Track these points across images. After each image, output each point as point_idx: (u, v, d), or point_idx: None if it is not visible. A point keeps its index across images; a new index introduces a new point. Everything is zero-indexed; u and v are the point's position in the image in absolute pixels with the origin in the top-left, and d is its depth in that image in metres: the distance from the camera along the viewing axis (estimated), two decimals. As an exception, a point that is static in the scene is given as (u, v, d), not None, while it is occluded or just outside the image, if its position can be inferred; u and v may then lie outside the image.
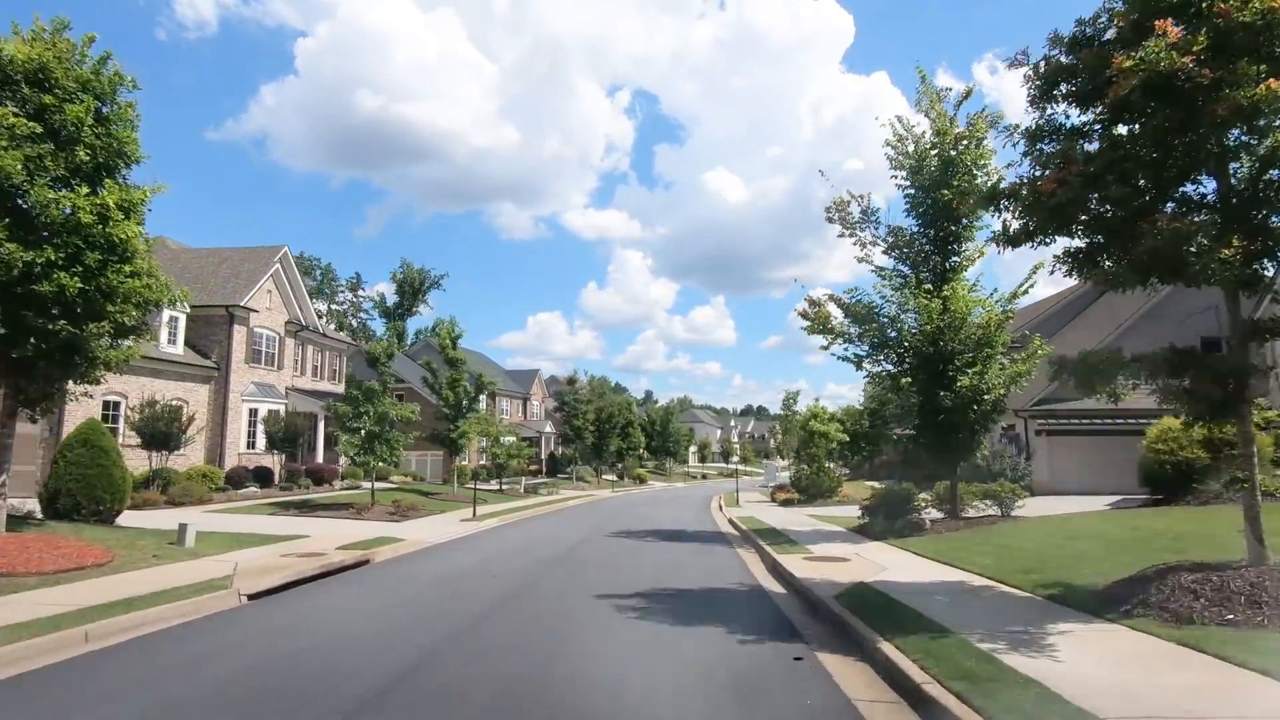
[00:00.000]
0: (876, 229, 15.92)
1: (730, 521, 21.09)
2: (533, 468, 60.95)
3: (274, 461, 29.14)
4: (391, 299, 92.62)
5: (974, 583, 9.06)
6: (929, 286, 14.43)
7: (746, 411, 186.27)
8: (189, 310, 28.25)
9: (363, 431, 21.77)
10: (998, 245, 7.99)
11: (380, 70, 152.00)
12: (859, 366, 16.36)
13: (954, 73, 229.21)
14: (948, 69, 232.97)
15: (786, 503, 28.17)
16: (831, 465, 30.12)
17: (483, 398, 52.54)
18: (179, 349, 27.69)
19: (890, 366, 15.83)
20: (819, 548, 13.23)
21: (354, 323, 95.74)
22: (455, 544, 15.79)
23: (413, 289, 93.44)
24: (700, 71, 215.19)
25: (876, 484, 37.92)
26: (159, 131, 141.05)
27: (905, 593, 8.38)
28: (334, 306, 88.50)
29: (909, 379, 14.10)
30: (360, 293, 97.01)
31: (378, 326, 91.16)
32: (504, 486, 37.84)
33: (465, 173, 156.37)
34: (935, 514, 16.23)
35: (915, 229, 15.60)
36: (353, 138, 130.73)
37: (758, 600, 9.14)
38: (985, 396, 14.11)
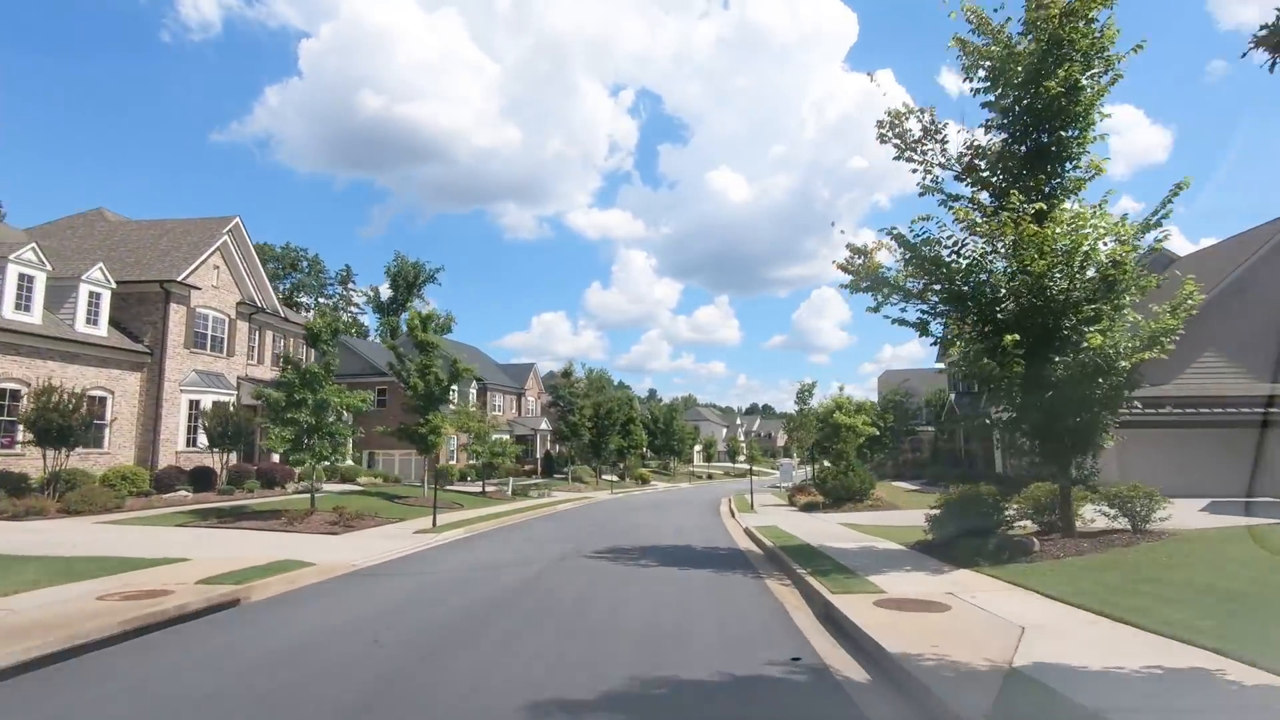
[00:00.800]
0: (944, 148, 11.89)
1: (747, 533, 17.06)
2: (527, 468, 56.97)
3: (218, 461, 25.21)
4: (386, 294, 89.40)
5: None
6: (1030, 210, 10.35)
7: (752, 410, 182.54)
8: (114, 285, 24.39)
9: (302, 423, 17.82)
10: None
11: (383, 70, 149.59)
12: (923, 331, 12.36)
13: (958, 71, 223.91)
14: (951, 68, 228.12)
15: (809, 507, 24.13)
16: (864, 464, 26.01)
17: (463, 389, 48.66)
18: (101, 329, 23.78)
19: (966, 328, 11.80)
20: (887, 580, 9.20)
21: (345, 318, 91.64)
22: (380, 570, 11.81)
23: (407, 283, 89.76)
24: (703, 70, 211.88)
25: (906, 485, 33.88)
26: (162, 135, 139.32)
27: None
28: (322, 300, 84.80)
29: (1012, 337, 9.98)
30: (351, 286, 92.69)
31: (371, 323, 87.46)
32: (488, 489, 33.89)
33: (468, 173, 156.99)
34: (1029, 525, 12.19)
35: (1004, 142, 11.55)
36: (356, 139, 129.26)
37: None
38: (1120, 363, 10.07)
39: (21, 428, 19.20)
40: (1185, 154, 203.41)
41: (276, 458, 28.65)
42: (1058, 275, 10.16)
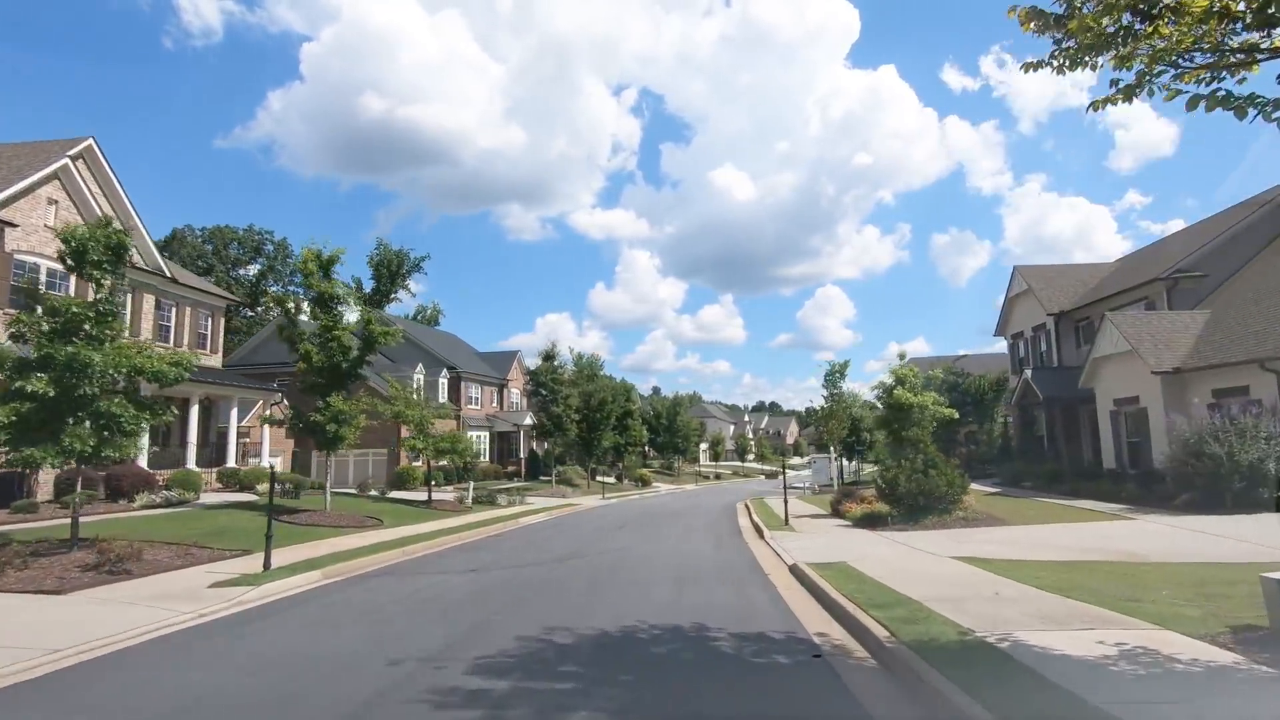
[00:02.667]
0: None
1: (803, 581, 9.67)
2: (509, 468, 49.55)
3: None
4: (370, 284, 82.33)
5: None
6: None
7: (760, 407, 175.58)
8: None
9: (40, 394, 10.47)
10: None
11: (386, 73, 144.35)
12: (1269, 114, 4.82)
13: (960, 68, 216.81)
14: (954, 63, 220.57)
15: (870, 521, 16.68)
16: (950, 458, 18.38)
17: (421, 379, 41.22)
18: None
19: None
20: None
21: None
22: None
23: (390, 272, 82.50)
24: (706, 69, 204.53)
25: (977, 486, 26.15)
26: (165, 141, 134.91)
27: None
28: (292, 289, 77.54)
29: None
30: (332, 273, 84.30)
31: (352, 317, 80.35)
32: (442, 495, 26.49)
33: (472, 175, 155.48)
34: None
35: None
36: (359, 142, 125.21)
37: None
38: None
39: None
40: (1192, 146, 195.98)
41: (144, 460, 21.39)
42: None
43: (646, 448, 67.03)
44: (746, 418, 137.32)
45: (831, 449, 32.22)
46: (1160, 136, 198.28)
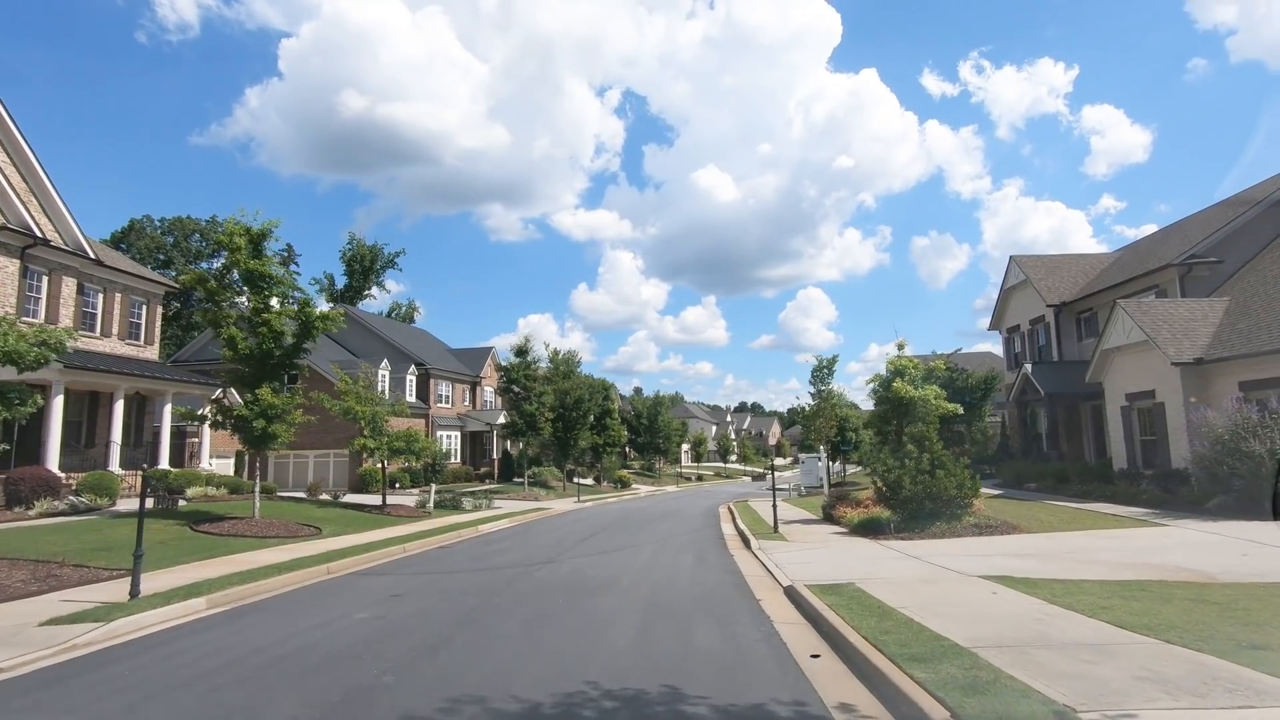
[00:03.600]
0: None
1: (804, 607, 7.77)
2: (482, 470, 47.28)
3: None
4: (342, 280, 79.63)
5: None
6: None
7: (742, 408, 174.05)
8: None
9: None
10: None
11: (367, 70, 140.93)
12: None
13: (939, 74, 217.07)
14: (933, 69, 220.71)
15: (870, 528, 14.78)
16: (956, 454, 16.41)
17: (387, 375, 38.88)
18: None
19: None
20: None
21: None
22: None
23: (363, 268, 79.88)
24: (690, 71, 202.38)
25: (989, 489, 24.23)
26: (140, 138, 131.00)
27: None
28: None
29: None
30: (293, 269, 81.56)
31: (326, 308, 77.64)
32: (391, 501, 24.28)
33: (454, 174, 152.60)
34: None
35: None
36: (339, 140, 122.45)
37: None
38: None
39: None
40: (1165, 153, 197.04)
41: (54, 460, 19.01)
42: None
43: (626, 448, 65.06)
44: (729, 418, 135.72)
45: (821, 449, 30.33)
46: (1134, 143, 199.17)
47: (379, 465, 31.79)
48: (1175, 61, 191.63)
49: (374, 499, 25.72)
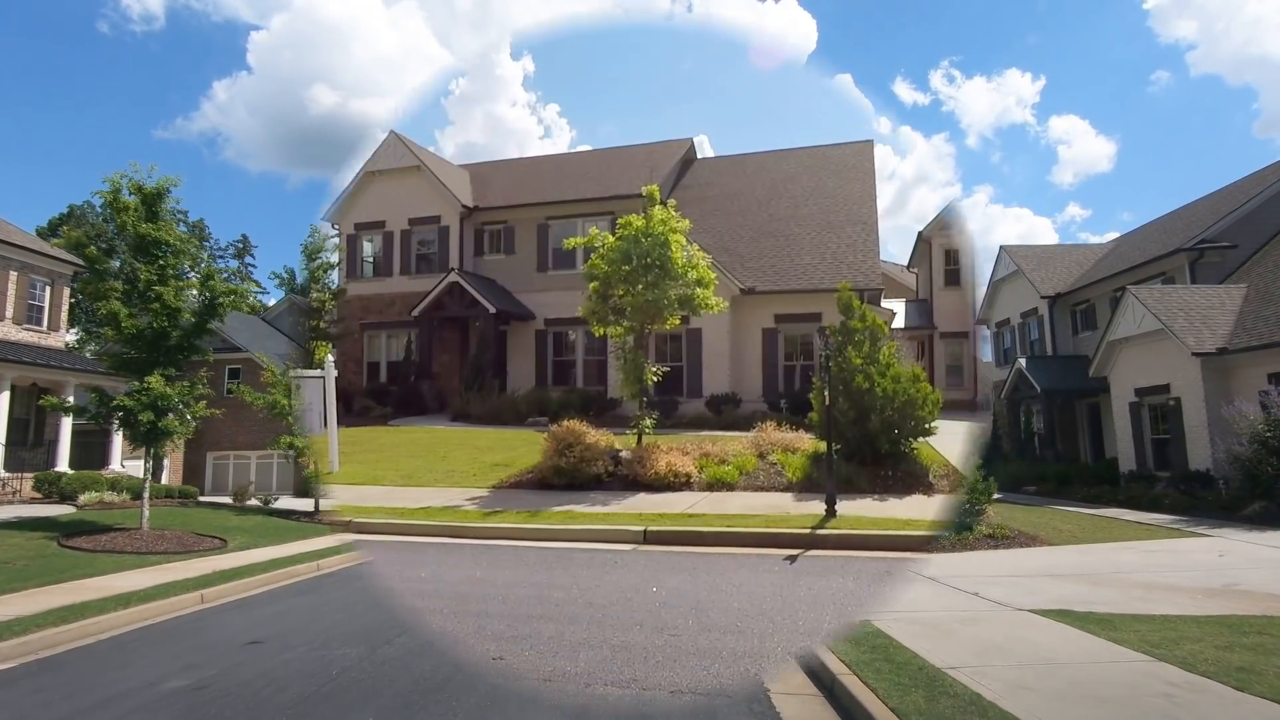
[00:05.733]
0: None
1: (833, 698, 5.58)
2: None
3: None
4: (303, 275, 76.21)
5: None
6: None
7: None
8: None
9: None
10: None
11: (339, 65, 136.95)
12: None
13: (911, 83, 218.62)
14: (905, 77, 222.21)
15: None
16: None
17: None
18: None
19: None
20: None
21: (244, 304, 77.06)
22: None
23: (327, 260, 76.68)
24: None
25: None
26: (103, 131, 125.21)
27: None
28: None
29: None
30: (249, 260, 77.71)
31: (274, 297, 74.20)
32: (325, 507, 21.69)
33: None
34: None
35: None
36: (310, 136, 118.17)
37: None
38: None
39: None
40: (1128, 163, 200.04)
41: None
42: None
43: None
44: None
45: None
46: (1099, 153, 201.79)
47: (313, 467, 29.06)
48: (1138, 74, 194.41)
49: (310, 505, 23.08)
